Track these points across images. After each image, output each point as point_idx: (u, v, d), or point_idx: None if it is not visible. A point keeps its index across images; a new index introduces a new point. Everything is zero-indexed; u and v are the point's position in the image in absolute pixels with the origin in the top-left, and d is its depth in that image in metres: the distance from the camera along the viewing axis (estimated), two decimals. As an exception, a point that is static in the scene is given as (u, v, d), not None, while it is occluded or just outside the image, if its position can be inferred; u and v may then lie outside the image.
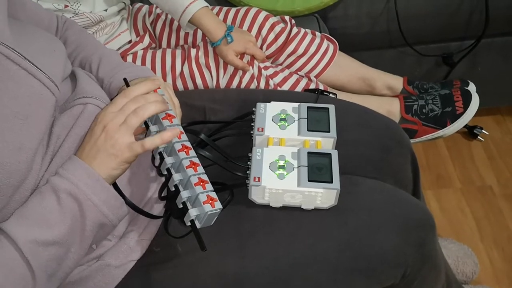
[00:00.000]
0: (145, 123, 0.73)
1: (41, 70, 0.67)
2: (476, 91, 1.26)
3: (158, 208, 0.82)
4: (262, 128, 0.85)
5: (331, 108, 0.88)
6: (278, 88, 1.15)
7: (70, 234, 0.64)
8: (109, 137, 0.67)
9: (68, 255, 0.65)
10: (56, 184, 0.64)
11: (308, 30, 1.25)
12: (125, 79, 0.78)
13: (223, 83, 1.14)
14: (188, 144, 0.72)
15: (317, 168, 0.78)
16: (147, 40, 1.21)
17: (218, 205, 0.67)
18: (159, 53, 1.16)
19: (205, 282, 0.76)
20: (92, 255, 0.75)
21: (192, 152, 0.71)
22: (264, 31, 1.19)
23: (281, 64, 1.24)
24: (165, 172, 0.72)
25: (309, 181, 0.76)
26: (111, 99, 0.82)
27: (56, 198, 0.64)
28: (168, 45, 1.24)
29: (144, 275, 0.77)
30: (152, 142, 0.68)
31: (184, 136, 0.73)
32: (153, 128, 0.73)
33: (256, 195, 0.79)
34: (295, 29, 1.22)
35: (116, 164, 0.67)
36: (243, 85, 1.14)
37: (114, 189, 0.69)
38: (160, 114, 0.72)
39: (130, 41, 1.20)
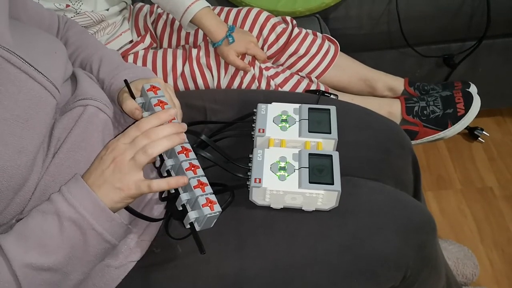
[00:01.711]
0: (160, 155, 0.72)
1: (41, 73, 0.67)
2: (477, 93, 1.26)
3: (158, 209, 0.82)
4: (263, 129, 0.85)
5: (332, 109, 0.88)
6: (279, 89, 1.15)
7: (68, 261, 0.64)
8: (117, 171, 0.66)
9: (66, 282, 0.65)
10: (60, 209, 0.64)
11: (310, 31, 1.25)
12: (125, 81, 0.78)
13: (224, 84, 1.14)
14: (188, 146, 0.72)
15: (318, 170, 0.78)
16: (148, 40, 1.20)
17: (217, 208, 0.67)
18: (160, 53, 1.16)
19: (205, 283, 0.76)
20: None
21: (192, 155, 0.71)
22: (265, 32, 1.19)
23: (282, 65, 1.23)
24: (165, 174, 0.72)
25: (310, 182, 0.76)
26: (115, 100, 0.82)
27: (58, 224, 0.63)
28: (169, 45, 1.23)
29: (144, 276, 0.77)
30: (158, 186, 0.67)
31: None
32: (168, 162, 0.71)
33: (257, 197, 0.79)
34: (296, 30, 1.22)
35: (119, 198, 0.67)
36: (244, 86, 1.14)
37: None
38: (176, 148, 0.71)
39: (131, 41, 1.20)
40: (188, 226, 0.68)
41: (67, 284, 0.65)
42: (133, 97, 0.77)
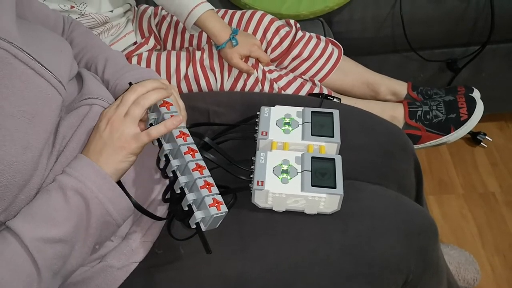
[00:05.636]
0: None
1: (48, 70, 0.68)
2: (480, 98, 1.26)
3: (161, 210, 0.82)
4: (266, 132, 0.85)
5: (335, 113, 0.88)
6: (282, 92, 1.15)
7: (75, 231, 0.64)
8: (115, 130, 0.68)
9: (72, 253, 0.65)
10: (63, 182, 0.65)
11: (313, 34, 1.25)
12: (130, 83, 0.78)
13: (227, 86, 1.14)
14: (194, 147, 0.72)
15: (320, 173, 0.78)
16: (152, 41, 1.21)
17: (223, 208, 0.67)
18: (164, 55, 1.16)
19: (207, 285, 0.76)
20: (95, 256, 0.75)
21: (198, 155, 0.71)
22: (269, 35, 1.19)
23: (285, 68, 1.24)
24: (171, 175, 0.72)
25: (312, 186, 0.76)
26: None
27: (63, 196, 0.64)
28: (173, 47, 1.24)
29: (146, 277, 0.77)
30: (157, 130, 0.69)
31: (190, 139, 0.73)
32: (151, 115, 0.74)
33: (259, 199, 0.79)
34: (300, 33, 1.22)
35: (123, 157, 0.68)
36: (247, 88, 1.14)
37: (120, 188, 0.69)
38: (158, 102, 0.74)
39: (135, 43, 1.20)
40: (194, 226, 0.68)
41: (73, 255, 0.65)
42: (137, 98, 0.77)
